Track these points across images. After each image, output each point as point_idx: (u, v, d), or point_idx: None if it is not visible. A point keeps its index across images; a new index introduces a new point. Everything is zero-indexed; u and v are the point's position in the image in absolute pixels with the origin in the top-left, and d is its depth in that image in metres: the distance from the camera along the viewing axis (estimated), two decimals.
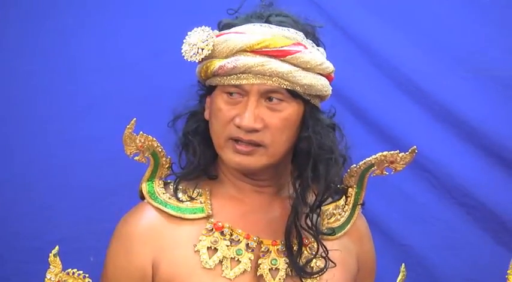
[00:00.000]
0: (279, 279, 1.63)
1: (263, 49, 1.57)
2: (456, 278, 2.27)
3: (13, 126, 2.18)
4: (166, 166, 1.69)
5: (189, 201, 1.64)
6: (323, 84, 1.63)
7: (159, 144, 1.67)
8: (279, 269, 1.63)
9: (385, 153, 1.73)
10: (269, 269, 1.62)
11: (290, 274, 1.64)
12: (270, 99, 1.60)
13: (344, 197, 1.75)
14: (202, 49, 1.58)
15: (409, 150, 1.73)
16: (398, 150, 1.73)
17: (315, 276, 1.64)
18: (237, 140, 1.59)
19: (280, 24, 1.61)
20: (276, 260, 1.63)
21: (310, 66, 1.60)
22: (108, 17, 2.22)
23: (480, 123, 2.25)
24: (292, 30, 1.61)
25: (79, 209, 2.17)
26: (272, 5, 1.67)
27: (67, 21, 2.19)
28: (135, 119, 1.63)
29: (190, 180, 1.67)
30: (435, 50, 2.27)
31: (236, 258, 1.61)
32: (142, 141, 1.65)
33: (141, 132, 1.64)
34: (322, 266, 1.65)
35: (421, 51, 2.27)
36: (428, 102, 2.28)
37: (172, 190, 1.66)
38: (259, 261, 1.63)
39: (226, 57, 1.58)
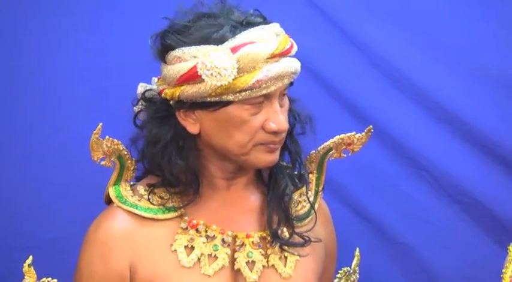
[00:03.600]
0: (256, 271, 1.63)
1: (281, 52, 1.54)
2: (452, 275, 2.26)
3: (10, 125, 2.19)
4: (132, 168, 1.68)
5: (160, 202, 1.62)
6: None
7: (124, 148, 1.65)
8: (255, 261, 1.63)
9: (342, 135, 1.73)
10: (246, 262, 1.62)
11: (266, 265, 1.64)
12: (281, 96, 1.59)
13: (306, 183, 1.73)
14: (227, 69, 1.50)
15: (365, 130, 1.73)
16: (354, 132, 1.73)
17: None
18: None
19: (266, 22, 1.58)
20: (251, 252, 1.63)
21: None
22: (105, 16, 2.23)
23: (478, 121, 2.24)
24: (275, 23, 1.59)
25: (76, 208, 2.18)
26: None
27: (64, 21, 2.21)
28: (101, 123, 1.60)
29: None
30: (433, 49, 2.27)
31: (213, 255, 1.61)
32: (109, 145, 1.62)
33: (107, 137, 1.62)
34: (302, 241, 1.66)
35: (420, 50, 2.27)
36: (426, 101, 2.27)
37: (141, 192, 1.64)
38: (236, 255, 1.63)
39: (252, 70, 1.52)
